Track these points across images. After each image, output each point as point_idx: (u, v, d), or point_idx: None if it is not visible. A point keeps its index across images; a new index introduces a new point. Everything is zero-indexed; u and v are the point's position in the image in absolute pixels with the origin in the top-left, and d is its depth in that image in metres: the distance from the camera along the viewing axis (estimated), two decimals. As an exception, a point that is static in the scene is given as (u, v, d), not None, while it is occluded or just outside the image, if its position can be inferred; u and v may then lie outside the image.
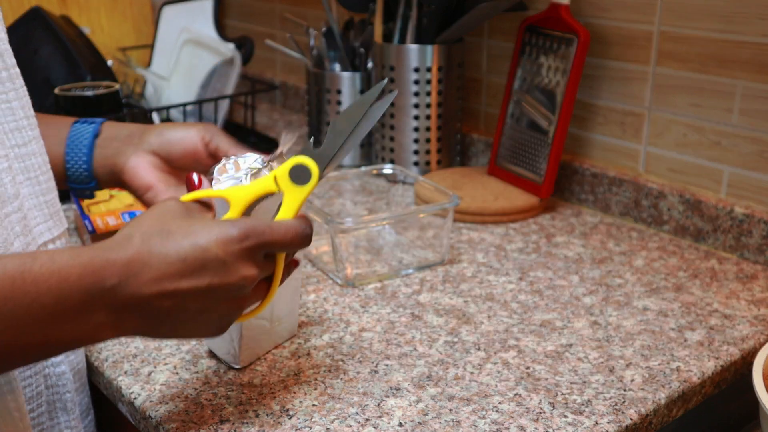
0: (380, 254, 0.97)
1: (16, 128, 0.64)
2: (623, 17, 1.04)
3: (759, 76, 0.92)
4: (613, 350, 0.75)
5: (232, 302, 0.56)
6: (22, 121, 0.65)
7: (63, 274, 0.50)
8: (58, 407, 0.69)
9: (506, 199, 1.08)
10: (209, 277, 0.53)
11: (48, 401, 0.68)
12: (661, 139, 1.04)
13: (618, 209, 1.08)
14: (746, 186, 0.96)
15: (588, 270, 0.92)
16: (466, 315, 0.82)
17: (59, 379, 0.69)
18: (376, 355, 0.75)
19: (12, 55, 0.65)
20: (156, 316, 0.54)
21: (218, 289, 0.54)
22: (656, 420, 0.68)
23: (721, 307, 0.84)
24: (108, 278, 0.51)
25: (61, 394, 0.69)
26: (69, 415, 0.70)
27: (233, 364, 0.72)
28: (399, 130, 1.20)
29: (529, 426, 0.64)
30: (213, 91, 1.38)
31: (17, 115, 0.64)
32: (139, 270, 0.52)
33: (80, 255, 0.51)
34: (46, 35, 1.23)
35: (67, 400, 0.70)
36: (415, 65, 1.16)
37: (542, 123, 1.09)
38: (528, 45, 1.11)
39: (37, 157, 0.66)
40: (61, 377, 0.69)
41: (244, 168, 0.67)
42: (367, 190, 1.18)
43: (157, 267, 0.52)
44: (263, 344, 0.74)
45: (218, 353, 0.73)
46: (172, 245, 0.53)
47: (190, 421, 0.65)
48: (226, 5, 1.80)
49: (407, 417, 0.65)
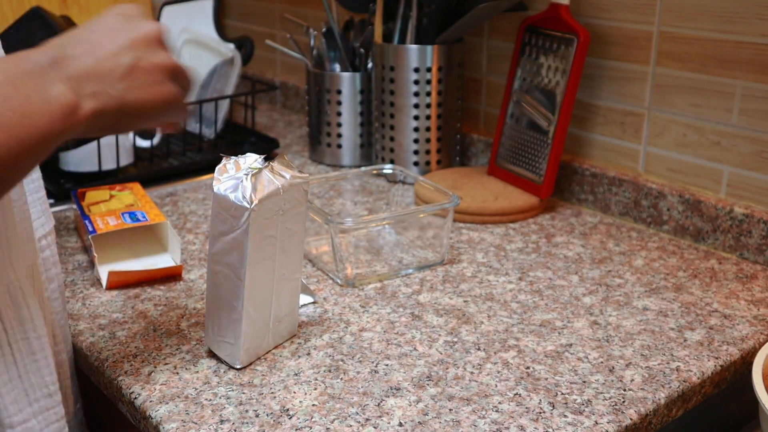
0: (380, 254, 0.98)
1: None
2: (623, 17, 1.04)
3: (759, 76, 0.92)
4: (613, 350, 0.75)
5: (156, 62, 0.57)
6: None
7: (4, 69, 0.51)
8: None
9: (506, 199, 1.08)
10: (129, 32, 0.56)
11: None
12: (660, 139, 1.04)
13: (618, 209, 1.08)
14: (746, 186, 0.96)
15: (588, 270, 0.92)
16: (466, 315, 0.82)
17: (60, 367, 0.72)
18: (376, 355, 0.75)
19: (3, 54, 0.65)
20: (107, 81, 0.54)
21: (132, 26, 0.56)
22: (656, 420, 0.68)
23: (721, 307, 0.84)
24: (44, 55, 0.53)
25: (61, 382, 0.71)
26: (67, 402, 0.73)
27: (233, 364, 0.72)
28: (399, 130, 1.20)
29: (529, 426, 0.64)
30: (213, 91, 1.38)
31: None
32: (65, 43, 0.55)
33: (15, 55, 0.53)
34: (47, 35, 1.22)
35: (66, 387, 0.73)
36: (415, 65, 1.16)
37: (542, 123, 1.09)
38: (528, 45, 1.11)
39: None
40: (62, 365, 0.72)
41: (245, 168, 0.67)
42: (367, 190, 1.18)
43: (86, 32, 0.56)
44: (263, 344, 0.74)
45: (218, 353, 0.73)
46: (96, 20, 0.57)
47: (190, 421, 0.65)
48: (226, 5, 1.80)
49: (407, 417, 0.65)
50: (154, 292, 0.87)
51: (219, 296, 0.71)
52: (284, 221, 0.70)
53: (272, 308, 0.73)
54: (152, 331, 0.79)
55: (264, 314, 0.72)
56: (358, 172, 1.07)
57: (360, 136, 1.29)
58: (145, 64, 0.56)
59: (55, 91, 0.51)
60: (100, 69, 0.54)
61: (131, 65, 0.55)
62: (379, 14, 1.19)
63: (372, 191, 1.18)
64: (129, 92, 0.55)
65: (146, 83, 0.56)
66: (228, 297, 0.70)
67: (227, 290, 0.70)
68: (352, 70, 1.28)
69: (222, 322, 0.71)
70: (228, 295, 0.70)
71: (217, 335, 0.73)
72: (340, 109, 1.27)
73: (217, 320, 0.72)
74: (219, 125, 1.37)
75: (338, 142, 1.29)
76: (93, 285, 0.89)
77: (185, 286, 0.88)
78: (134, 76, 0.55)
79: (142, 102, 0.56)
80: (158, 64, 0.57)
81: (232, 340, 0.71)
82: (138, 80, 0.56)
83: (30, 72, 0.51)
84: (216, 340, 0.73)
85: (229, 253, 0.68)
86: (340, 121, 1.28)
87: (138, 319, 0.81)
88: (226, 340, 0.72)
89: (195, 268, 0.92)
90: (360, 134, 1.29)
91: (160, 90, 0.57)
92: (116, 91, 0.55)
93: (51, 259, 0.72)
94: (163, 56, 0.57)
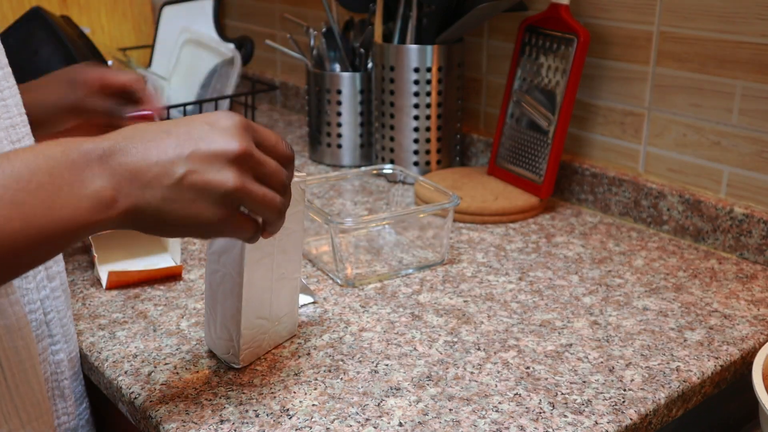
0: (380, 254, 0.98)
1: (10, 125, 0.65)
2: (623, 17, 1.04)
3: (758, 76, 0.92)
4: (613, 350, 0.75)
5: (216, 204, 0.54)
6: (15, 118, 0.65)
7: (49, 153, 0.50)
8: (56, 394, 0.71)
9: (506, 199, 1.08)
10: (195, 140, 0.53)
11: (48, 388, 0.69)
12: (660, 139, 1.04)
13: (618, 209, 1.08)
14: (746, 186, 0.96)
15: (588, 270, 0.92)
16: (466, 315, 0.82)
17: (58, 366, 0.71)
18: (376, 355, 0.75)
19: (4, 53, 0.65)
20: (151, 186, 0.53)
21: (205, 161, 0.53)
22: (656, 420, 0.68)
23: (721, 307, 0.84)
24: (98, 146, 0.51)
25: (59, 381, 0.71)
26: (66, 402, 0.72)
27: (233, 364, 0.72)
28: (399, 130, 1.20)
29: (529, 426, 0.64)
30: (213, 91, 1.38)
31: (11, 112, 0.65)
32: (131, 135, 0.53)
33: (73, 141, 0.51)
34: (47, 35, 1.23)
35: (65, 387, 0.72)
36: (415, 65, 1.16)
37: (542, 123, 1.09)
38: (528, 45, 1.11)
39: None
40: (60, 365, 0.71)
41: None
42: (367, 190, 1.18)
43: (145, 135, 0.53)
44: (263, 344, 0.74)
45: (218, 353, 0.73)
46: (164, 123, 0.54)
47: (190, 421, 0.65)
48: (226, 5, 1.80)
49: (407, 417, 0.65)
50: (154, 292, 0.87)
51: (217, 296, 0.71)
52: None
53: (271, 308, 0.73)
54: (152, 331, 0.79)
55: (263, 314, 0.72)
56: (358, 172, 1.07)
57: (360, 136, 1.29)
58: (195, 179, 0.53)
59: (94, 186, 0.50)
60: (148, 172, 0.52)
61: (181, 177, 0.52)
62: (379, 14, 1.19)
63: (372, 191, 1.18)
64: (167, 203, 0.53)
65: (189, 199, 0.53)
66: (226, 296, 0.70)
67: (226, 290, 0.70)
68: (352, 70, 1.28)
69: (221, 322, 0.71)
70: (226, 294, 0.70)
71: (216, 335, 0.73)
72: (340, 109, 1.27)
73: (215, 320, 0.72)
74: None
75: (338, 142, 1.29)
76: (93, 285, 0.89)
77: (185, 286, 0.88)
78: (179, 188, 0.53)
79: (179, 217, 0.54)
80: (210, 183, 0.53)
81: (232, 340, 0.71)
82: (182, 194, 0.53)
83: (74, 163, 0.50)
84: (215, 340, 0.73)
85: (227, 253, 0.68)
86: (340, 121, 1.28)
87: (138, 319, 0.81)
88: (225, 339, 0.72)
89: (195, 268, 0.92)
90: (360, 134, 1.29)
91: (201, 209, 0.54)
92: (155, 198, 0.52)
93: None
94: (225, 176, 0.53)
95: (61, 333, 0.72)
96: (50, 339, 0.70)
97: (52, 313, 0.70)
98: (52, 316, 0.70)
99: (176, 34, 1.47)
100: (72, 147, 0.51)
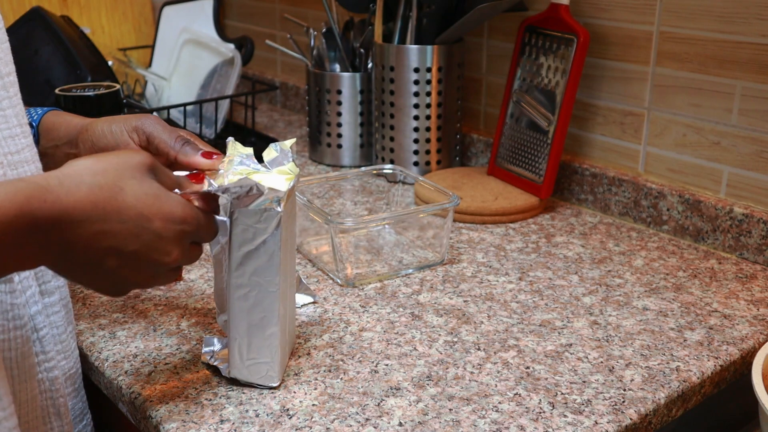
0: (380, 254, 0.98)
1: (9, 136, 0.63)
2: (623, 17, 1.04)
3: (758, 76, 0.92)
4: (613, 350, 0.76)
5: (146, 275, 0.59)
6: (15, 129, 0.64)
7: (1, 211, 0.51)
8: (51, 412, 0.68)
9: (506, 199, 1.08)
10: (140, 245, 0.56)
11: (42, 406, 0.67)
12: (660, 139, 1.04)
13: (617, 209, 1.08)
14: (745, 186, 0.96)
15: (588, 270, 0.92)
16: (466, 315, 0.82)
17: (52, 384, 0.68)
18: (376, 355, 0.75)
19: (7, 63, 0.64)
20: (75, 261, 0.55)
21: (143, 259, 0.57)
22: (656, 420, 0.68)
23: (721, 307, 0.84)
24: (46, 221, 0.52)
25: (54, 399, 0.68)
26: (62, 420, 0.70)
27: (270, 384, 0.69)
28: (399, 130, 1.20)
29: (528, 426, 0.64)
30: (213, 91, 1.38)
31: (11, 123, 0.64)
32: (78, 219, 0.53)
33: (18, 192, 0.51)
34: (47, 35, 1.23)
35: (60, 405, 0.69)
36: (415, 65, 1.16)
37: (542, 123, 1.09)
38: (528, 45, 1.11)
39: (30, 165, 0.65)
40: (54, 382, 0.68)
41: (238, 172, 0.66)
42: (367, 190, 1.18)
43: (96, 222, 0.54)
44: (287, 354, 0.73)
45: (251, 379, 0.69)
46: (118, 204, 0.55)
47: (190, 421, 0.65)
48: (226, 5, 1.80)
49: (407, 417, 0.66)
50: (154, 292, 0.87)
51: (248, 317, 0.67)
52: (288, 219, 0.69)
53: (288, 313, 0.72)
54: (152, 331, 0.79)
55: (286, 322, 0.70)
56: (358, 172, 1.07)
57: (360, 136, 1.29)
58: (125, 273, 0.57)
59: (29, 263, 0.54)
60: (83, 255, 0.55)
61: (110, 268, 0.56)
62: (379, 14, 1.19)
63: (372, 191, 1.18)
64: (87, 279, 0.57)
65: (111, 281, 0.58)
66: (260, 313, 0.66)
67: (259, 307, 0.66)
68: (352, 70, 1.28)
69: (254, 343, 0.68)
70: (260, 311, 0.66)
71: (248, 359, 0.68)
72: (340, 109, 1.27)
73: (247, 343, 0.68)
74: (219, 125, 1.37)
75: (338, 142, 1.29)
76: (93, 285, 0.89)
77: (185, 286, 0.88)
78: (105, 272, 0.57)
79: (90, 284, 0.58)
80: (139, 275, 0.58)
81: (268, 358, 0.68)
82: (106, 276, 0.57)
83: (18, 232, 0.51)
84: (247, 365, 0.69)
85: (258, 265, 0.65)
86: (340, 121, 1.28)
87: (138, 319, 0.81)
88: (260, 360, 0.68)
89: (195, 268, 0.93)
90: (360, 134, 1.29)
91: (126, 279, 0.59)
92: (76, 275, 0.57)
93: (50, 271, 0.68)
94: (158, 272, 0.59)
95: (56, 350, 0.69)
96: (43, 356, 0.67)
97: (45, 329, 0.67)
98: (45, 332, 0.67)
99: (176, 34, 1.47)
100: (27, 210, 0.51)
